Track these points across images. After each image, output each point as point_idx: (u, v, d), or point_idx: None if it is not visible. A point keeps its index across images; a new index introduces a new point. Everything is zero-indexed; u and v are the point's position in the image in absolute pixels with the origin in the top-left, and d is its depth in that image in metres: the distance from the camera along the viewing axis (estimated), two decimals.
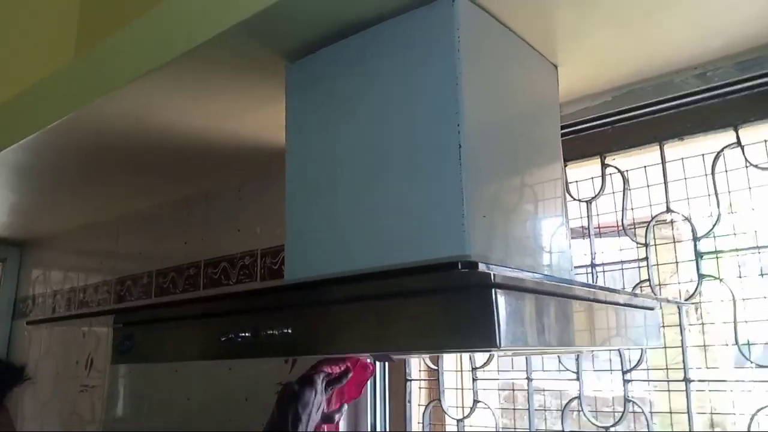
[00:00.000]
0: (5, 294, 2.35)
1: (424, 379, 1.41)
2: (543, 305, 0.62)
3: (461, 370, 1.40)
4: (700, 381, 1.03)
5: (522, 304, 0.56)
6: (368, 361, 1.15)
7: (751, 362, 1.00)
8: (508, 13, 0.86)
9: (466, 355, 1.40)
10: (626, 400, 1.09)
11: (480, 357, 1.31)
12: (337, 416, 1.04)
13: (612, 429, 1.10)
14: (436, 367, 1.38)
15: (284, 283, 0.82)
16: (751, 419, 0.97)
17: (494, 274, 0.50)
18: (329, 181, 0.89)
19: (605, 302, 0.79)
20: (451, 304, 0.55)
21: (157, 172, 1.57)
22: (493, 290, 0.52)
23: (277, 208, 1.51)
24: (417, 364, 1.43)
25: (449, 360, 1.39)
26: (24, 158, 1.45)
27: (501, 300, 0.51)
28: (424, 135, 0.79)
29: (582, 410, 1.13)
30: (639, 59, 1.01)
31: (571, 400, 1.15)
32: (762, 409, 0.96)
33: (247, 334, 0.72)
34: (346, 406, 1.10)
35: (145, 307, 1.24)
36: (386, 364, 1.41)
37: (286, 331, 0.70)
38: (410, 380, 1.41)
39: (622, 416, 1.09)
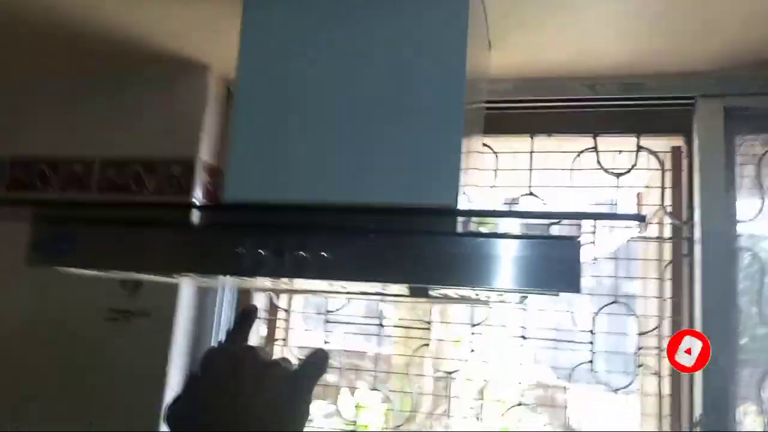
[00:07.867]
0: None
1: (270, 318, 1.40)
2: None
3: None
4: None
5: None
6: None
7: None
8: None
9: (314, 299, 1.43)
10: None
11: (335, 301, 1.36)
12: None
13: None
14: (285, 308, 1.38)
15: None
16: None
17: None
18: (294, 108, 0.84)
19: None
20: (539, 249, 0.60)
21: None
22: (579, 240, 0.58)
23: (124, 118, 1.32)
24: (263, 304, 1.40)
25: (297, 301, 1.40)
26: None
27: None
28: (424, 80, 0.80)
29: None
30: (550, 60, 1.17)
31: None
32: None
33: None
34: None
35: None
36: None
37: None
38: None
39: None
